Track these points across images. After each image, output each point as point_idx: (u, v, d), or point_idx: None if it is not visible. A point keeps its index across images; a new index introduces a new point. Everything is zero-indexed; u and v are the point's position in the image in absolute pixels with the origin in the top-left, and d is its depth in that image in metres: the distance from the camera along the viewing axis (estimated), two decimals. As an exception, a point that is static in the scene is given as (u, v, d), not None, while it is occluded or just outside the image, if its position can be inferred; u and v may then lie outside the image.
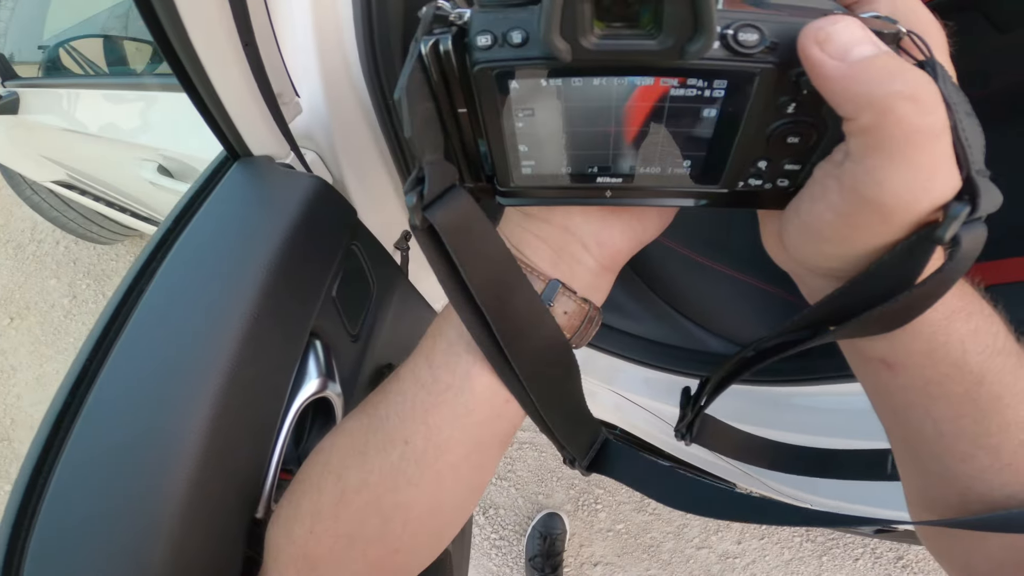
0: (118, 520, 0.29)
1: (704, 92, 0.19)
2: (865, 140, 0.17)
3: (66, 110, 1.08)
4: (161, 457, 0.30)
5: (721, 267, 0.77)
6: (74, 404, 0.31)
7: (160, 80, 0.92)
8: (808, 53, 0.17)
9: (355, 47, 0.55)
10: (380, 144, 0.61)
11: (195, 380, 0.32)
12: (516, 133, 0.21)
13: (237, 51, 0.36)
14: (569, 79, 0.19)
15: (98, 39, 1.07)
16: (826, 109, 0.18)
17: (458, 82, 0.20)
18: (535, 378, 0.26)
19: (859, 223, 0.19)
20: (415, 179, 0.21)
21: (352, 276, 0.47)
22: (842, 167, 0.18)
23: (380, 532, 0.26)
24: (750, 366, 0.28)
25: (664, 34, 0.17)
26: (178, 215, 0.38)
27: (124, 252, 1.90)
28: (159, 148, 0.87)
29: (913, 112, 0.16)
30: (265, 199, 0.40)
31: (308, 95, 0.53)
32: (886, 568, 1.31)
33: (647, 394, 0.85)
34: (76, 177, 1.35)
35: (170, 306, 0.34)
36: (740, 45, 0.18)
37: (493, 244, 0.23)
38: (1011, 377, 0.22)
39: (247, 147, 0.42)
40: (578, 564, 1.40)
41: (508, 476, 1.49)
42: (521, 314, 0.24)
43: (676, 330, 0.77)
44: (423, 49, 0.19)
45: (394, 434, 0.26)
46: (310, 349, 0.40)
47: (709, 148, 0.21)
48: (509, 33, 0.19)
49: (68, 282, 1.86)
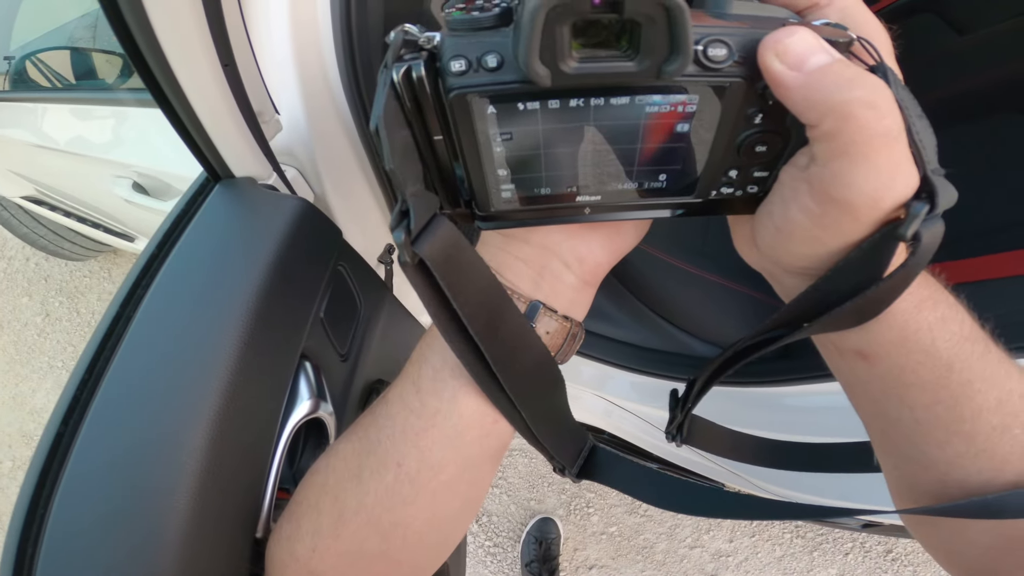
0: (121, 540, 0.29)
1: (677, 108, 0.20)
2: (829, 145, 0.18)
3: (35, 124, 1.05)
4: (161, 480, 0.30)
5: (700, 271, 0.79)
6: (68, 432, 0.31)
7: (134, 95, 0.90)
8: (768, 65, 0.18)
9: (335, 61, 0.55)
10: (361, 158, 0.61)
11: (190, 406, 0.32)
12: (495, 157, 0.21)
13: (217, 74, 0.36)
14: (546, 101, 0.19)
15: (66, 51, 1.04)
16: (790, 118, 0.19)
17: (433, 109, 0.20)
18: (525, 397, 0.26)
19: (829, 222, 0.19)
20: (400, 213, 0.20)
21: (339, 296, 0.47)
22: (809, 171, 0.19)
23: (381, 549, 0.27)
24: (732, 365, 0.29)
25: (641, 56, 0.17)
26: (161, 240, 0.38)
27: (97, 268, 1.85)
28: (132, 164, 0.85)
29: (872, 117, 0.17)
30: (250, 223, 0.39)
31: (288, 111, 0.53)
32: (876, 561, 1.33)
33: (635, 399, 0.86)
34: (46, 192, 1.31)
35: (160, 332, 0.34)
36: (710, 60, 0.18)
37: (480, 271, 0.23)
38: (980, 363, 0.22)
39: (229, 169, 0.41)
40: (573, 568, 1.41)
41: (499, 483, 1.49)
42: (510, 337, 0.25)
43: (660, 335, 0.78)
44: (395, 76, 0.19)
45: (387, 458, 0.26)
46: (301, 371, 0.40)
47: (683, 161, 0.22)
48: (484, 57, 0.18)
49: (40, 300, 1.80)
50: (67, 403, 0.32)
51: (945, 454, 0.23)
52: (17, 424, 1.63)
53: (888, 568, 1.32)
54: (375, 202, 0.66)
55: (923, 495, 0.25)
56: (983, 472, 0.23)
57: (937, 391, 0.22)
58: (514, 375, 0.25)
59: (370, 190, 0.64)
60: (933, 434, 0.23)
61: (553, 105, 0.19)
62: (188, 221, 0.39)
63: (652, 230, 0.28)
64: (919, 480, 0.25)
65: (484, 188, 0.23)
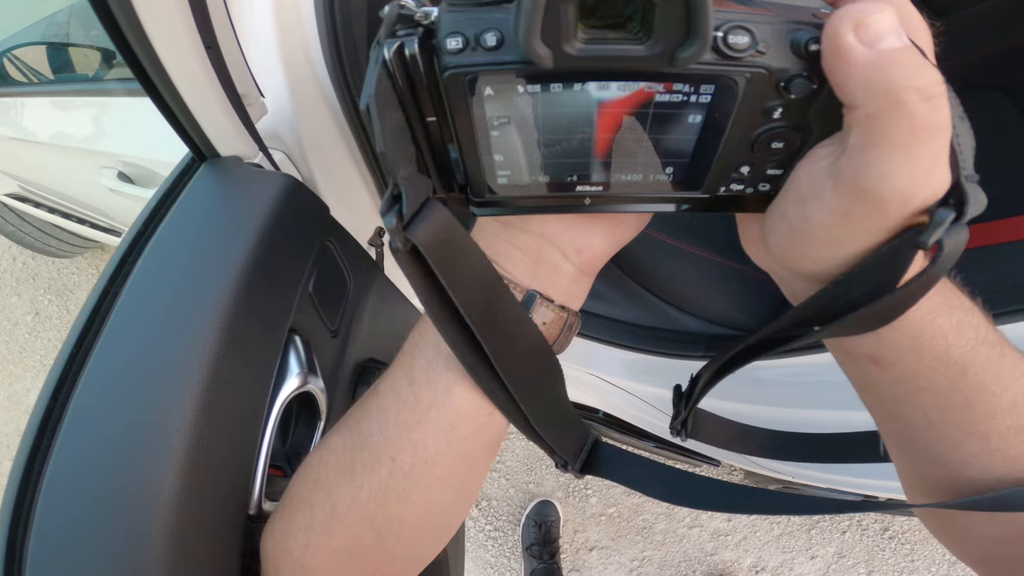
0: (112, 520, 0.29)
1: (690, 98, 0.18)
2: (869, 130, 0.17)
3: (15, 120, 1.04)
4: (148, 455, 0.30)
5: (689, 247, 0.80)
6: (56, 410, 0.31)
7: (115, 85, 0.90)
8: (839, 35, 0.16)
9: (318, 44, 0.55)
10: (348, 140, 0.61)
11: (177, 379, 0.32)
12: (491, 142, 0.20)
13: (200, 55, 0.36)
14: (548, 85, 0.18)
15: (41, 47, 1.03)
16: (813, 113, 0.18)
17: (426, 88, 0.19)
18: (524, 390, 0.26)
19: (851, 221, 0.18)
20: (391, 197, 0.19)
21: (328, 272, 0.47)
22: (838, 164, 0.18)
23: (375, 545, 0.27)
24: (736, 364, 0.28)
25: (654, 39, 0.16)
26: (147, 217, 0.38)
27: (85, 265, 1.83)
28: (117, 154, 0.84)
29: (925, 109, 0.16)
30: (236, 198, 0.39)
31: (273, 94, 0.52)
32: (873, 539, 1.36)
33: (625, 376, 0.87)
34: (30, 189, 1.30)
35: (147, 308, 0.34)
36: (730, 48, 0.17)
37: (476, 258, 0.22)
38: (994, 366, 0.22)
39: (214, 148, 0.41)
40: (574, 549, 1.43)
41: (498, 467, 1.51)
42: (507, 328, 0.24)
43: (651, 311, 0.79)
44: (387, 53, 0.18)
45: (380, 452, 0.26)
46: (290, 345, 0.40)
47: (692, 154, 0.20)
48: (482, 35, 0.17)
49: (29, 299, 1.78)
50: (54, 382, 0.32)
51: (959, 454, 0.23)
52: (14, 424, 1.62)
53: (885, 546, 1.34)
54: (363, 184, 0.66)
55: (936, 490, 0.25)
56: (997, 470, 0.23)
57: (951, 395, 0.22)
58: (512, 367, 0.24)
59: (358, 172, 0.64)
60: (946, 435, 0.23)
61: (555, 89, 0.18)
62: (174, 200, 0.39)
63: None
64: (932, 476, 0.25)
65: (479, 173, 0.21)
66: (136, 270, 0.35)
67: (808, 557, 1.37)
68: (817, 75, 0.18)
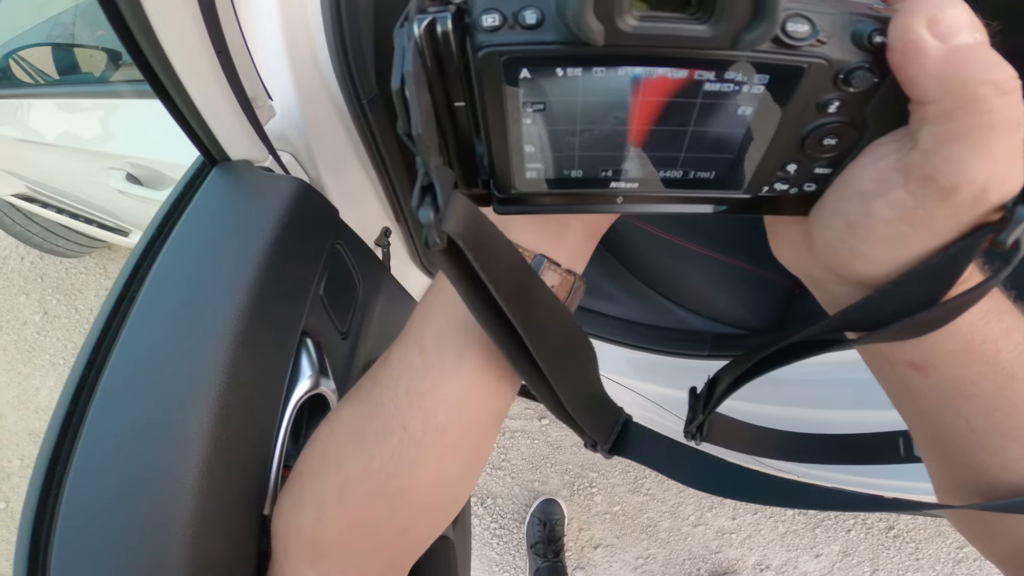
0: (133, 521, 0.29)
1: (742, 88, 0.17)
2: (945, 127, 0.16)
3: (22, 121, 1.04)
4: (169, 457, 0.30)
5: (696, 246, 0.80)
6: (76, 415, 0.32)
7: (122, 87, 0.90)
8: (912, 29, 0.16)
9: (325, 46, 0.55)
10: (355, 142, 0.61)
11: (194, 383, 0.32)
12: (523, 130, 0.19)
13: (211, 59, 0.36)
14: (590, 68, 0.17)
15: (46, 48, 1.03)
16: (870, 108, 0.17)
17: (457, 70, 0.18)
18: (559, 374, 0.26)
19: (923, 219, 0.18)
20: (422, 188, 0.18)
21: (338, 274, 0.48)
22: (909, 158, 0.18)
23: (388, 515, 0.27)
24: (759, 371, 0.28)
25: (716, 18, 0.15)
26: (161, 222, 0.38)
27: (93, 265, 1.84)
28: (125, 156, 0.85)
29: (1003, 104, 0.16)
30: (248, 203, 0.40)
31: (280, 97, 0.53)
32: (878, 538, 1.35)
33: (632, 375, 0.87)
34: (37, 189, 1.31)
35: (163, 313, 0.35)
36: (789, 36, 0.16)
37: (505, 246, 0.22)
38: None
39: (225, 152, 0.42)
40: (579, 547, 1.43)
41: (503, 465, 1.51)
42: (542, 314, 0.24)
43: (657, 310, 0.79)
44: (416, 30, 0.16)
45: (391, 421, 0.26)
46: (302, 348, 0.41)
47: (738, 150, 0.19)
48: (521, 13, 0.16)
49: (38, 298, 1.80)
50: (73, 389, 0.32)
51: (1000, 459, 0.23)
52: (23, 423, 1.64)
53: (891, 544, 1.34)
54: (369, 184, 0.66)
55: (971, 494, 0.25)
56: None
57: (998, 400, 0.21)
58: (547, 353, 0.25)
59: (364, 172, 0.64)
60: (988, 441, 0.23)
61: (598, 74, 0.17)
62: (186, 204, 0.40)
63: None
64: (968, 480, 0.25)
65: (507, 165, 0.20)
66: (151, 275, 0.35)
67: (813, 555, 1.37)
68: (880, 68, 0.17)
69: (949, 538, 1.29)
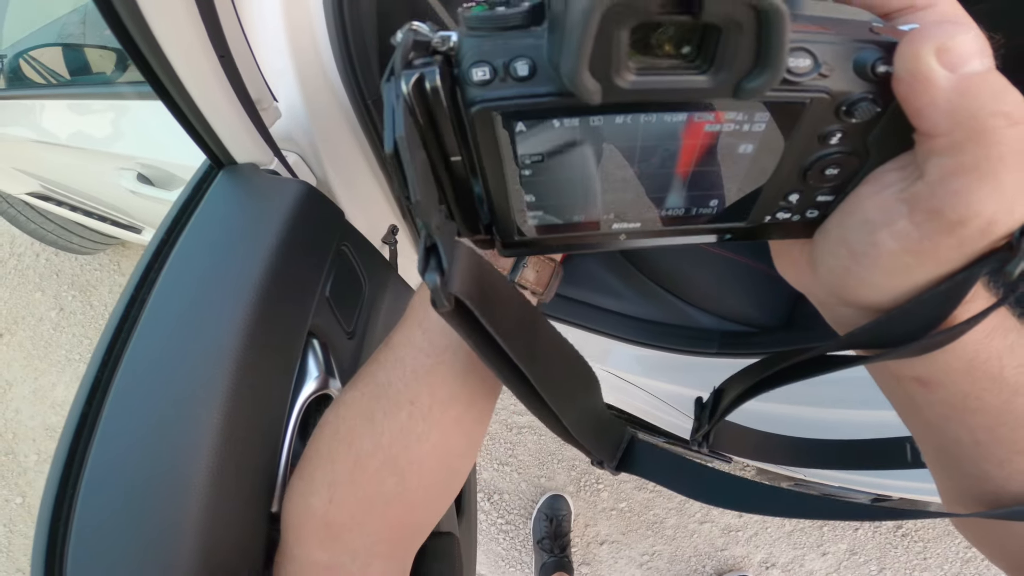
0: (146, 513, 0.30)
1: (742, 127, 0.17)
2: (954, 160, 0.16)
3: (35, 121, 1.06)
4: (179, 456, 0.31)
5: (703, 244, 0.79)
6: (91, 415, 0.32)
7: (131, 88, 0.91)
8: (921, 59, 0.15)
9: (329, 46, 0.55)
10: (361, 141, 0.62)
11: (204, 384, 0.33)
12: (522, 181, 0.18)
13: (214, 65, 0.36)
14: (587, 118, 0.16)
15: (57, 48, 1.04)
16: (872, 138, 0.17)
17: (451, 125, 0.17)
18: (565, 404, 0.27)
19: (928, 250, 0.17)
20: (426, 251, 0.17)
21: (344, 275, 0.48)
22: (914, 189, 0.17)
23: (398, 490, 0.28)
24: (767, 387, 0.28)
25: (716, 68, 0.14)
26: (169, 226, 0.39)
27: (107, 261, 1.87)
28: (136, 156, 0.86)
29: (1013, 135, 0.15)
30: (254, 206, 0.40)
31: (285, 98, 0.53)
32: (886, 537, 1.34)
33: (639, 372, 0.87)
34: (51, 188, 1.33)
35: (172, 316, 0.35)
36: (791, 72, 0.15)
37: (510, 293, 0.22)
38: None
39: (231, 156, 0.42)
40: (585, 543, 1.44)
41: (510, 461, 1.52)
42: (547, 351, 0.25)
43: (665, 308, 0.79)
44: (405, 88, 0.16)
45: (399, 397, 0.27)
46: (309, 349, 0.42)
47: (740, 185, 0.19)
48: (512, 64, 0.15)
49: (53, 295, 1.83)
50: (87, 389, 0.33)
51: (1004, 471, 0.23)
52: (40, 418, 1.68)
53: (898, 543, 1.33)
54: (376, 183, 0.66)
55: (976, 502, 0.25)
56: None
57: (1001, 415, 0.22)
58: (555, 388, 0.26)
59: (371, 172, 0.65)
60: (993, 453, 0.23)
61: (596, 123, 0.16)
62: (194, 208, 0.40)
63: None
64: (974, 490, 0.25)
65: (508, 214, 0.20)
66: (161, 279, 0.36)
67: (820, 554, 1.36)
68: (883, 97, 0.16)
69: (957, 538, 1.28)
